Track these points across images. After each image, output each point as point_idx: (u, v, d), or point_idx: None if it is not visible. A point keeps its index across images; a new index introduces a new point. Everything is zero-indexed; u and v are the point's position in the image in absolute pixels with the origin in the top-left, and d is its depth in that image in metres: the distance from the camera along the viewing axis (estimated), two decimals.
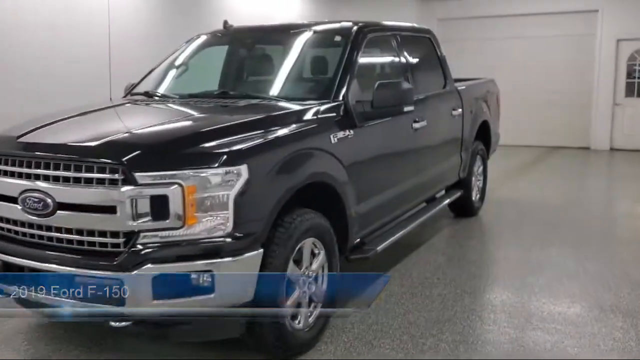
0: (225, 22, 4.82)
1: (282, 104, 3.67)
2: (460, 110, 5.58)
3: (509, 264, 4.85)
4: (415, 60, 4.96)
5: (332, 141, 3.50)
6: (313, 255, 3.38)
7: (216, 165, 2.78)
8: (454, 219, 6.32)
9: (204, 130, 3.07)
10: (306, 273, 3.29)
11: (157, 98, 4.12)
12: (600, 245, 5.34)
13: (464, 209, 6.30)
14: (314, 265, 3.37)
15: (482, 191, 6.61)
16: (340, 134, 3.59)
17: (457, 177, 5.80)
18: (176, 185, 2.70)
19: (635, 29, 11.35)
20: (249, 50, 4.63)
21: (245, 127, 3.12)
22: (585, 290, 4.20)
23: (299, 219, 3.17)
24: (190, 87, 4.29)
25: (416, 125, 4.55)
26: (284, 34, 4.52)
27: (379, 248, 4.06)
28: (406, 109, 3.90)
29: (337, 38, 4.24)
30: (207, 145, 2.89)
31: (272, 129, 3.17)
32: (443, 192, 5.93)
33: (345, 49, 4.03)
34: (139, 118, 3.62)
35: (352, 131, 3.69)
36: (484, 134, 6.51)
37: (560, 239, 5.53)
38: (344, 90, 3.78)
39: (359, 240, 4.00)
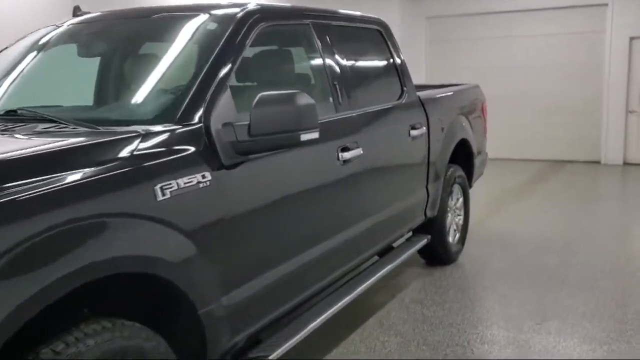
0: (76, 8, 3.38)
1: (81, 130, 2.20)
2: (423, 128, 4.10)
3: (487, 354, 3.35)
4: (351, 63, 3.48)
5: (159, 196, 2.03)
6: None
7: None
8: (425, 268, 4.84)
9: None
10: None
11: None
12: (621, 315, 3.83)
13: (437, 255, 4.82)
14: None
15: (463, 230, 5.11)
16: (183, 182, 2.12)
17: (423, 218, 4.32)
18: None
19: None
20: (87, 48, 3.15)
21: None
22: None
23: (72, 349, 1.72)
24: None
25: (346, 155, 3.09)
26: (141, 22, 3.03)
27: (274, 356, 2.59)
28: (305, 136, 2.41)
29: (212, 26, 2.78)
30: None
31: (18, 182, 1.70)
32: (410, 234, 4.48)
33: (216, 45, 2.58)
34: None
35: (210, 174, 2.23)
36: (464, 156, 5.05)
37: (566, 304, 4.02)
38: (202, 109, 2.33)
39: (243, 342, 2.55)
